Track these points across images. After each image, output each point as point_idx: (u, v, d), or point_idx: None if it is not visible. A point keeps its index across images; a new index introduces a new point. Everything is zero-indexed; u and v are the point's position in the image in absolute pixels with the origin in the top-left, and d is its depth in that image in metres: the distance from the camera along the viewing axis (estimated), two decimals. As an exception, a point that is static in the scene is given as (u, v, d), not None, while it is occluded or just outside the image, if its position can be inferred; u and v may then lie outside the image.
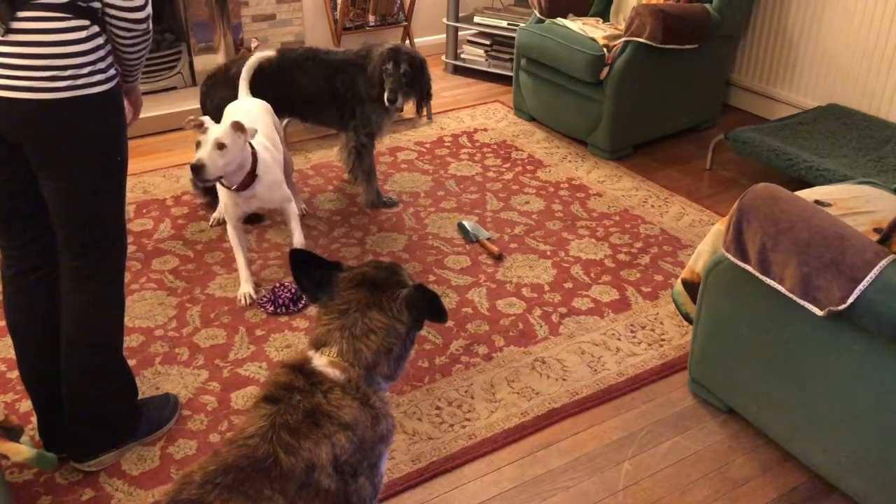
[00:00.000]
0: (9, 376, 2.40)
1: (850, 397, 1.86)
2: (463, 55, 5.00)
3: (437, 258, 3.05)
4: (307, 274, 1.53)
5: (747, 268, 1.98)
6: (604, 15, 4.23)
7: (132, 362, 2.47)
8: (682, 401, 2.38)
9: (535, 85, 4.11)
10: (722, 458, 2.17)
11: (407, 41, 4.82)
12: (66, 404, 2.03)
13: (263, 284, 2.87)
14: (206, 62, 4.26)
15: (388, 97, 3.12)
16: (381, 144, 3.83)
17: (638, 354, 2.55)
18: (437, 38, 5.23)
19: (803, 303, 1.83)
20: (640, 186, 3.62)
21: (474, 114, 4.41)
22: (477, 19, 4.80)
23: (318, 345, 1.50)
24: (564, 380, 2.44)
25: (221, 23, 4.26)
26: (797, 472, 2.12)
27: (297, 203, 3.17)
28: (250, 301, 2.75)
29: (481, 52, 4.90)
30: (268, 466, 1.31)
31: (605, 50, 3.68)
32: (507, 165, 3.80)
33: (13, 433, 1.97)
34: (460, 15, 4.88)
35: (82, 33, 1.68)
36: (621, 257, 3.07)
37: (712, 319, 2.21)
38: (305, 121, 3.48)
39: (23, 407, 2.27)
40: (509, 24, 4.66)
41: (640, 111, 3.82)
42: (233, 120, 2.50)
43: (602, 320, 2.71)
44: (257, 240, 3.16)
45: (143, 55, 1.89)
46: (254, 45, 4.32)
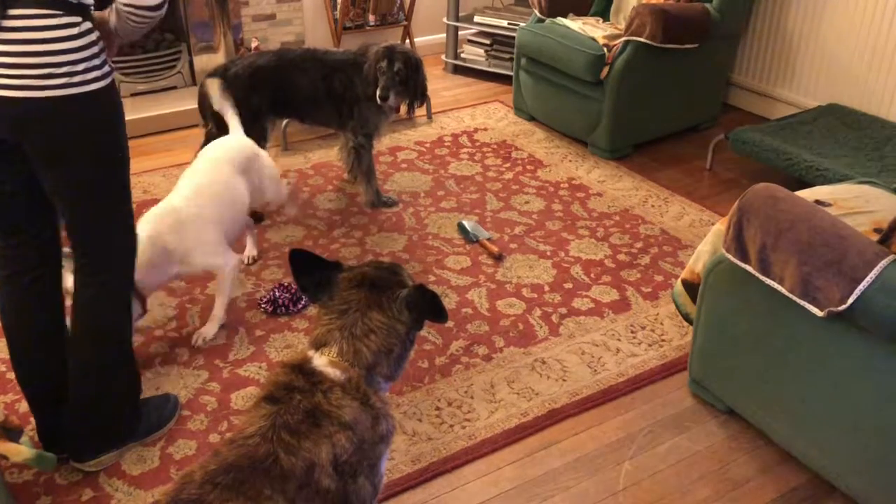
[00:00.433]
0: (9, 376, 2.39)
1: (850, 397, 1.86)
2: (463, 55, 5.00)
3: (437, 258, 3.05)
4: (307, 274, 1.53)
5: (747, 268, 1.98)
6: (604, 14, 4.23)
7: (132, 362, 2.47)
8: (682, 401, 2.38)
9: (535, 84, 4.11)
10: (722, 458, 2.17)
11: (407, 41, 4.82)
12: (70, 403, 2.02)
13: (263, 285, 2.87)
14: (206, 62, 4.26)
15: (379, 94, 3.11)
16: (381, 144, 3.83)
17: (638, 355, 2.55)
18: (437, 38, 5.22)
19: (803, 303, 1.83)
20: (640, 186, 3.62)
21: (474, 113, 4.41)
22: (477, 19, 4.80)
23: (318, 345, 1.50)
24: (564, 380, 2.44)
25: (221, 22, 4.26)
26: (797, 472, 2.12)
27: (250, 248, 3.00)
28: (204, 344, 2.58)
29: (481, 51, 4.90)
30: (268, 466, 1.31)
31: (605, 49, 3.68)
32: (507, 165, 3.80)
33: (13, 433, 1.97)
34: (460, 14, 4.88)
35: (74, 30, 1.67)
36: (621, 257, 3.07)
37: (712, 320, 2.21)
38: (304, 121, 3.47)
39: (23, 407, 2.27)
40: (509, 23, 4.66)
41: (640, 111, 3.82)
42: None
43: (602, 321, 2.71)
44: (257, 240, 3.16)
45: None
46: (254, 45, 4.32)
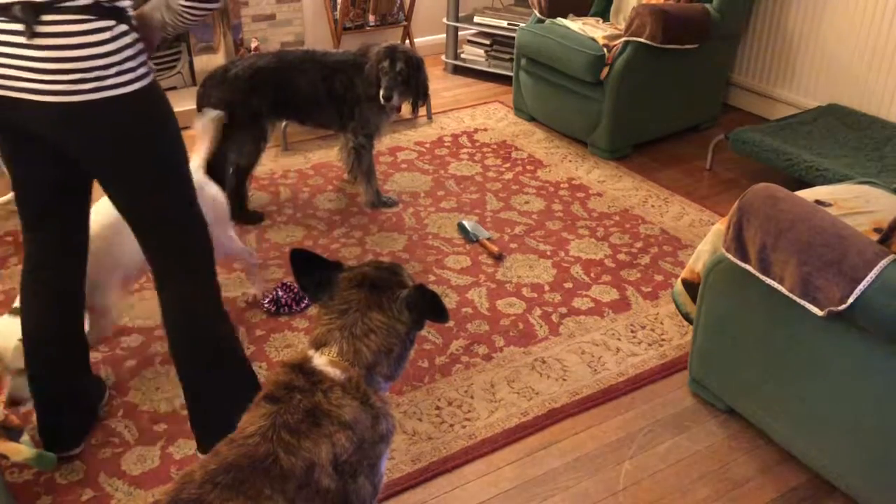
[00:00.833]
0: (9, 376, 2.40)
1: (850, 397, 1.86)
2: (463, 55, 5.00)
3: (437, 258, 3.05)
4: (308, 274, 1.53)
5: (747, 268, 1.98)
6: (604, 15, 4.23)
7: (132, 362, 2.47)
8: (682, 401, 2.38)
9: (535, 85, 4.11)
10: (722, 458, 2.17)
11: (407, 41, 4.82)
12: (189, 405, 2.05)
13: (264, 284, 2.87)
14: (205, 62, 4.26)
15: (383, 94, 3.12)
16: (381, 144, 3.83)
17: (638, 354, 2.55)
18: (437, 38, 5.22)
19: (803, 303, 1.83)
20: (640, 186, 3.62)
21: (474, 114, 4.41)
22: (477, 19, 4.80)
23: (319, 344, 1.50)
24: (564, 380, 2.44)
25: (221, 23, 4.26)
26: (797, 472, 2.12)
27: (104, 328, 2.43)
28: None
29: (481, 52, 4.90)
30: (268, 466, 1.31)
31: (605, 50, 3.68)
32: (507, 165, 3.80)
33: (13, 433, 1.97)
34: (460, 15, 4.88)
35: (107, 34, 1.66)
36: (621, 257, 3.07)
37: (712, 319, 2.21)
38: (304, 123, 3.45)
39: (22, 407, 2.27)
40: (509, 23, 4.66)
41: (640, 111, 3.82)
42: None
43: (602, 320, 2.71)
44: (257, 239, 3.16)
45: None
46: (254, 46, 4.32)
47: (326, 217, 3.35)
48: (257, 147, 3.23)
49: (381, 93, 3.12)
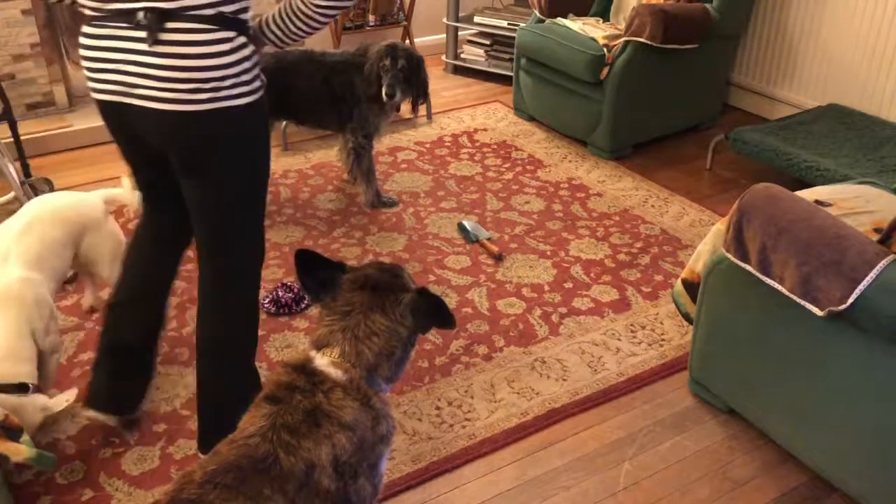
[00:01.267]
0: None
1: (850, 397, 1.86)
2: (463, 55, 5.00)
3: (437, 258, 3.05)
4: (311, 274, 1.53)
5: (747, 268, 1.98)
6: (604, 15, 4.23)
7: (132, 362, 2.47)
8: (682, 401, 2.38)
9: (535, 85, 4.11)
10: (722, 458, 2.17)
11: (407, 41, 4.82)
12: (201, 410, 2.06)
13: (264, 285, 2.86)
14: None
15: (386, 91, 3.12)
16: (381, 144, 3.83)
17: (638, 354, 2.55)
18: (437, 38, 5.22)
19: (803, 303, 1.83)
20: (640, 186, 3.63)
21: (474, 114, 4.41)
22: (477, 19, 4.80)
23: (320, 345, 1.50)
24: (564, 380, 2.44)
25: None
26: (797, 472, 2.12)
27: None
28: None
29: (481, 51, 4.90)
30: (268, 466, 1.31)
31: (605, 50, 3.68)
32: (507, 165, 3.80)
33: (13, 433, 1.96)
34: (460, 15, 4.88)
35: (226, 45, 1.67)
36: (621, 257, 3.07)
37: (712, 319, 2.21)
38: (303, 124, 3.45)
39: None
40: (509, 23, 4.66)
41: (640, 111, 3.82)
42: None
43: (602, 320, 2.71)
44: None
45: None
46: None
47: (326, 217, 3.35)
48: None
49: (383, 90, 3.12)
